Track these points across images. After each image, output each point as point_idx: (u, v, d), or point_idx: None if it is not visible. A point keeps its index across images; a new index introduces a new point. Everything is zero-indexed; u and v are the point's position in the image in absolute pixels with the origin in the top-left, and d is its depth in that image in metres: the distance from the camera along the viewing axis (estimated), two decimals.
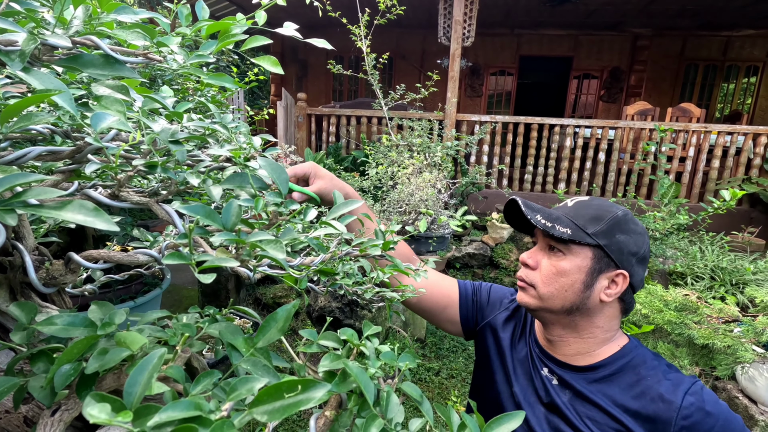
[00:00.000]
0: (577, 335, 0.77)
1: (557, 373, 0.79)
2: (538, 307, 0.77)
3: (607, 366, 0.75)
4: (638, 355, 0.76)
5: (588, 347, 0.77)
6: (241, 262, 0.39)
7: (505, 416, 0.36)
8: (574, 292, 0.73)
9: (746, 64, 7.38)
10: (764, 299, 2.13)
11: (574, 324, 0.76)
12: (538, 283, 0.76)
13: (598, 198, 0.78)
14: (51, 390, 0.32)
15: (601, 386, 0.74)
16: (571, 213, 0.74)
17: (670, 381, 0.71)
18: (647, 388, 0.71)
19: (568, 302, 0.74)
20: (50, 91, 0.33)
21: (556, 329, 0.79)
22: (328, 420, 0.38)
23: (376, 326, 0.47)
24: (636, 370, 0.74)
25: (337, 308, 2.72)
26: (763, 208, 4.84)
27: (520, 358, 0.86)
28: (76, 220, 0.29)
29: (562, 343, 0.79)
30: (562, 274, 0.73)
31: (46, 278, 0.44)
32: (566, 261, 0.73)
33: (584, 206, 0.75)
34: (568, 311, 0.75)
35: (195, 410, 0.24)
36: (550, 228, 0.70)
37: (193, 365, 0.47)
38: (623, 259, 0.72)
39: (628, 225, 0.73)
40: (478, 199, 5.12)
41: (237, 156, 0.43)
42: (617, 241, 0.71)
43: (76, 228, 1.48)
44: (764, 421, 2.03)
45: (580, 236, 0.70)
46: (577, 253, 0.72)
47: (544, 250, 0.77)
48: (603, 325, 0.76)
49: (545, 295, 0.75)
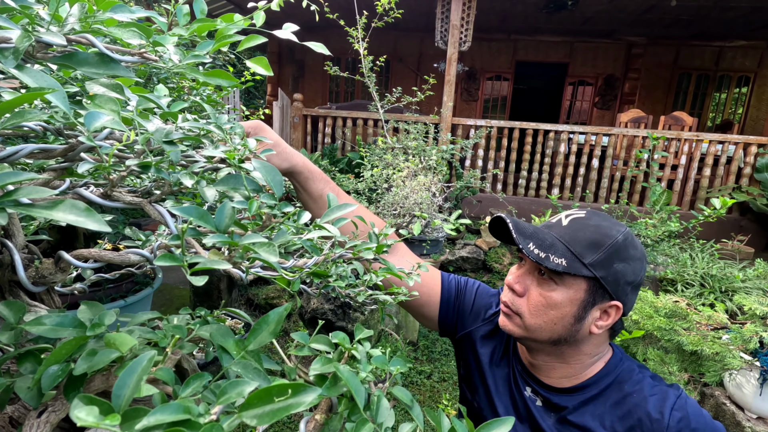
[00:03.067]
0: (563, 361, 0.73)
1: (542, 394, 0.76)
2: (522, 336, 0.72)
3: (593, 385, 0.72)
4: (624, 369, 0.73)
5: (574, 371, 0.74)
6: (234, 264, 0.39)
7: (495, 422, 0.36)
8: (563, 325, 0.68)
9: (738, 75, 7.50)
10: (752, 307, 2.16)
11: (560, 352, 0.72)
12: (524, 313, 0.70)
13: (596, 214, 0.71)
14: (38, 391, 0.32)
15: (588, 408, 0.71)
16: (566, 236, 0.67)
17: (656, 396, 0.68)
18: (634, 406, 0.68)
19: (556, 334, 0.69)
20: (43, 90, 0.32)
21: (540, 355, 0.75)
22: (318, 424, 0.38)
23: (368, 329, 0.47)
24: (621, 386, 0.71)
25: (329, 310, 2.71)
26: (753, 216, 4.90)
27: (502, 376, 0.82)
28: (68, 220, 0.28)
29: (547, 367, 0.75)
30: (552, 307, 0.67)
31: (35, 277, 0.43)
32: (558, 292, 0.67)
33: (581, 227, 0.68)
34: (554, 342, 0.70)
35: (184, 413, 0.24)
36: (544, 260, 0.63)
37: (184, 367, 0.47)
38: (618, 289, 0.66)
39: (627, 251, 0.66)
40: (473, 203, 5.14)
41: (231, 157, 0.43)
42: (615, 271, 0.65)
43: (67, 226, 1.46)
44: (751, 427, 2.06)
45: (576, 268, 0.64)
46: (570, 284, 0.66)
47: (533, 274, 0.70)
48: (590, 352, 0.73)
49: (532, 326, 0.69)
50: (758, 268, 2.83)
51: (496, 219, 0.72)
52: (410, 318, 2.97)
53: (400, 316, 2.95)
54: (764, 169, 4.75)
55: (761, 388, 2.03)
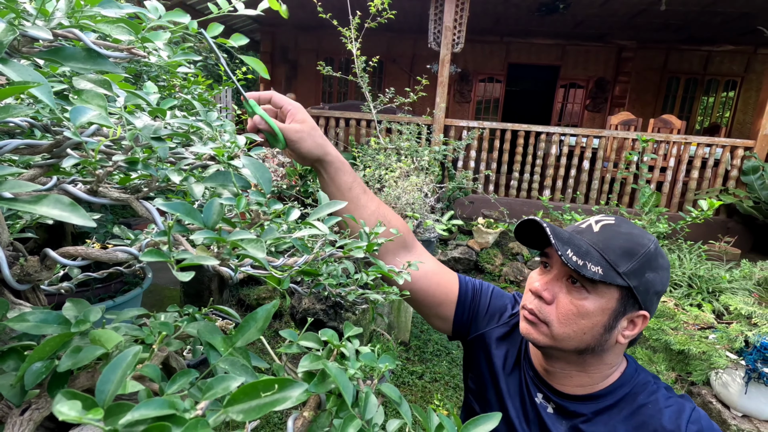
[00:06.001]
0: (582, 371, 0.71)
1: (554, 401, 0.74)
2: (548, 345, 0.68)
3: (608, 395, 0.71)
4: (639, 381, 0.72)
5: (591, 381, 0.72)
6: (222, 261, 0.39)
7: (481, 418, 0.37)
8: (593, 335, 0.66)
9: (725, 79, 7.63)
10: (738, 307, 2.20)
11: (583, 361, 0.70)
12: (552, 322, 0.67)
13: (625, 222, 0.69)
14: (21, 388, 0.32)
15: (602, 417, 0.70)
16: (600, 243, 0.65)
17: (671, 408, 0.67)
18: (649, 417, 0.67)
19: (584, 344, 0.67)
20: (28, 83, 0.32)
21: (559, 363, 0.72)
22: (306, 421, 0.38)
23: (358, 327, 0.47)
24: (636, 397, 0.70)
25: (321, 310, 2.70)
26: (740, 218, 4.99)
27: (514, 380, 0.81)
28: (52, 215, 0.28)
29: (564, 375, 0.73)
30: (583, 316, 0.64)
31: (20, 274, 0.43)
32: (589, 301, 0.64)
33: (613, 234, 0.66)
34: (580, 352, 0.68)
35: (169, 408, 0.24)
36: (581, 267, 0.61)
37: (171, 365, 0.47)
38: (647, 299, 0.65)
39: (657, 261, 0.65)
40: (465, 204, 5.16)
41: (221, 154, 0.43)
42: (646, 281, 0.64)
43: (54, 224, 1.44)
44: (736, 425, 2.09)
45: (611, 277, 0.62)
46: (603, 293, 0.64)
47: (561, 281, 0.67)
48: (611, 362, 0.71)
49: (560, 335, 0.66)
50: (744, 269, 2.88)
51: (527, 222, 0.69)
52: (402, 318, 2.97)
53: (392, 316, 2.95)
54: (750, 172, 4.83)
55: (746, 386, 2.06)
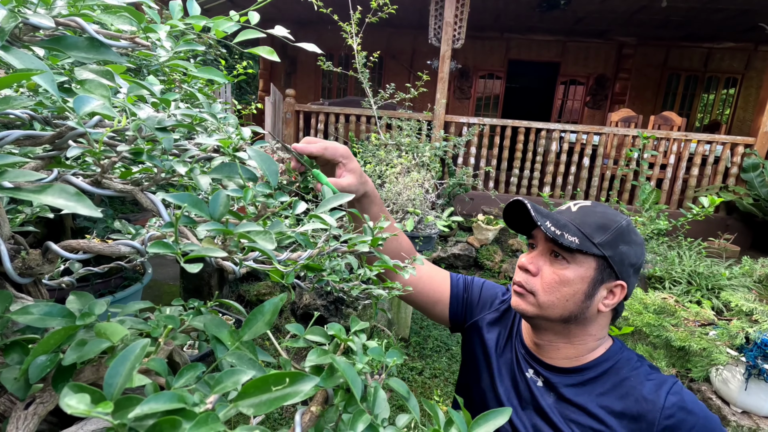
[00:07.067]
0: (568, 341, 0.77)
1: (543, 374, 0.79)
2: (535, 314, 0.75)
3: (593, 368, 0.76)
4: (623, 357, 0.77)
5: (577, 353, 0.77)
6: (228, 253, 0.38)
7: (492, 413, 0.36)
8: (575, 302, 0.72)
9: (725, 76, 7.61)
10: (738, 304, 2.20)
11: (568, 331, 0.76)
12: (538, 291, 0.74)
13: (601, 204, 0.77)
14: (25, 382, 0.31)
15: (586, 388, 0.75)
16: (576, 219, 0.73)
17: (652, 381, 0.72)
18: (630, 389, 0.72)
19: (567, 311, 0.73)
20: (31, 71, 0.31)
21: (547, 335, 0.78)
22: (314, 416, 0.37)
23: (364, 322, 0.47)
24: (620, 372, 0.75)
25: (322, 306, 2.70)
26: (739, 215, 4.99)
27: (506, 360, 0.86)
28: (57, 204, 0.27)
29: (552, 347, 0.79)
30: (564, 284, 0.72)
31: (21, 268, 0.42)
32: (569, 270, 0.71)
33: (589, 212, 0.74)
34: (565, 320, 0.74)
35: (178, 402, 0.24)
36: (560, 237, 0.68)
37: (175, 360, 0.46)
38: (623, 270, 0.72)
39: (630, 236, 0.73)
40: (465, 201, 5.15)
41: (226, 146, 0.42)
42: (620, 252, 0.71)
43: (55, 219, 1.44)
44: (736, 421, 2.09)
45: (587, 246, 0.69)
46: (581, 262, 0.71)
47: (545, 255, 0.75)
48: (595, 333, 0.77)
49: (545, 303, 0.73)
50: (744, 266, 2.88)
51: (513, 203, 0.76)
52: (402, 315, 2.97)
53: (393, 312, 2.95)
54: (750, 169, 4.83)
55: (746, 383, 2.07)
